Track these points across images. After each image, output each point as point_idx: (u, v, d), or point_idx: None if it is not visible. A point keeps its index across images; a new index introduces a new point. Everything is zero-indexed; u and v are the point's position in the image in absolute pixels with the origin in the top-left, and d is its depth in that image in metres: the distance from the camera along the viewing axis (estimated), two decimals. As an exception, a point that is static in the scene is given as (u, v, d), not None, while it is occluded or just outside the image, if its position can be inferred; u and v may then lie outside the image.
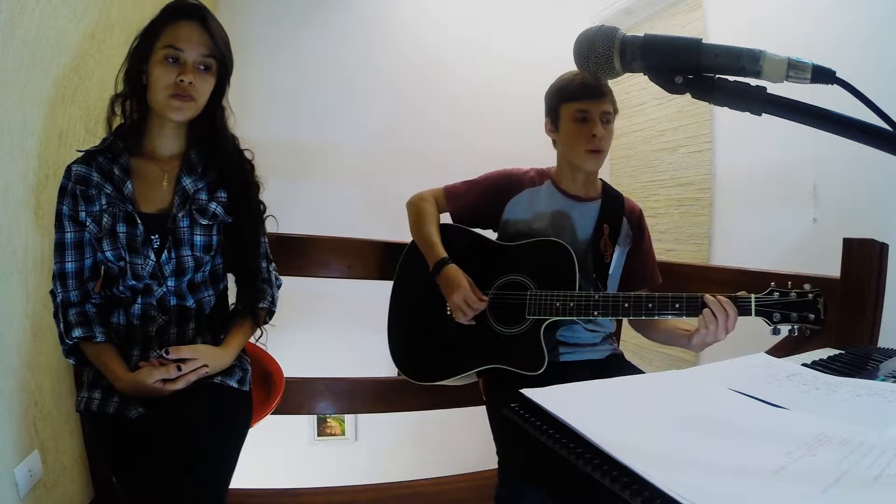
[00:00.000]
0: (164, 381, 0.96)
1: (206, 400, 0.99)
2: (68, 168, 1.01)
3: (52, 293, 1.04)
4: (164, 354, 0.96)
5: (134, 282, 1.02)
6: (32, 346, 1.21)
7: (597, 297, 1.19)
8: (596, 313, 1.18)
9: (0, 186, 1.08)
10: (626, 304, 1.16)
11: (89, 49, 1.37)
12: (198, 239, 1.05)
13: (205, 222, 1.05)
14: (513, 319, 1.26)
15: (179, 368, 0.96)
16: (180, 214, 1.03)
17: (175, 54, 0.97)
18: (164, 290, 1.03)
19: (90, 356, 1.01)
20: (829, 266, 1.24)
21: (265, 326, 1.20)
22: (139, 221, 1.00)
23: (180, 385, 0.96)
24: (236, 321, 1.13)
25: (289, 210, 2.70)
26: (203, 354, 1.00)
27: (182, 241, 1.03)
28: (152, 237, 1.02)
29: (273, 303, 1.18)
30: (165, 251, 1.02)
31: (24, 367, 1.18)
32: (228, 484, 0.95)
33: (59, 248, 1.01)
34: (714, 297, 1.10)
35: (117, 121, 1.05)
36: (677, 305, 1.13)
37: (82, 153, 1.02)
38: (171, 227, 1.02)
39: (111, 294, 1.06)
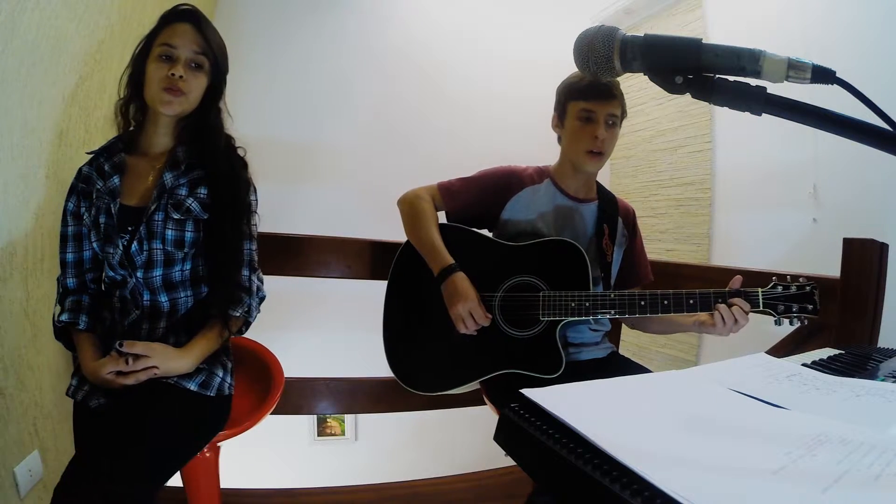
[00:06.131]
0: (119, 374, 0.96)
1: (155, 399, 0.98)
2: (79, 169, 1.08)
3: (58, 279, 1.09)
4: (118, 346, 0.97)
5: (112, 273, 1.06)
6: (32, 346, 1.21)
7: (612, 295, 1.18)
8: (613, 312, 1.17)
9: (0, 186, 1.09)
10: (643, 302, 1.15)
11: (89, 49, 1.37)
12: (169, 233, 1.06)
13: (177, 216, 1.06)
14: (524, 321, 1.23)
15: (128, 362, 0.96)
16: (153, 207, 1.05)
17: (168, 52, 1.02)
18: (134, 281, 1.05)
19: (74, 342, 1.06)
20: (829, 266, 1.24)
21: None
22: (113, 212, 1.04)
23: (130, 381, 0.96)
24: (205, 325, 1.09)
25: (288, 210, 2.74)
26: (156, 354, 0.99)
27: (154, 233, 1.05)
28: (129, 228, 1.05)
29: (249, 313, 1.13)
30: (136, 242, 1.04)
31: (24, 367, 1.18)
32: (159, 485, 0.92)
33: (63, 240, 1.08)
34: (731, 304, 1.12)
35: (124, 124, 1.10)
36: (692, 302, 1.13)
37: (91, 154, 1.09)
38: (144, 219, 1.04)
39: (103, 286, 1.10)
